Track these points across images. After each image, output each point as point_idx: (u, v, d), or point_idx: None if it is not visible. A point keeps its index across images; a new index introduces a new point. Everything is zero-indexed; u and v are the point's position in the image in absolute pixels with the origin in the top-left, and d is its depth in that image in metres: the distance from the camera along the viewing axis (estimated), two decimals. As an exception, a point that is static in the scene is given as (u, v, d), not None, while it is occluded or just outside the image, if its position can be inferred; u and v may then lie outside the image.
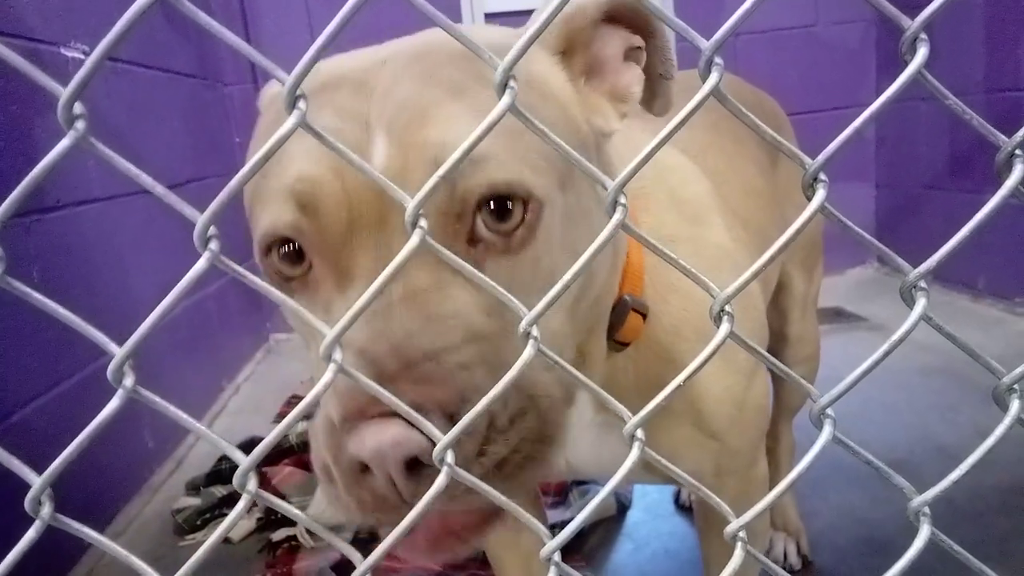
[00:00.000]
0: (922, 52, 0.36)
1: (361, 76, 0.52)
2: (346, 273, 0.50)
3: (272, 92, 0.65)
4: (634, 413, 0.41)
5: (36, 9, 1.65)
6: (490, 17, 2.97)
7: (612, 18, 0.59)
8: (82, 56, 1.79)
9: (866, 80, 3.17)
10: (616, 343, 0.70)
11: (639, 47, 0.61)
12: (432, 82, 0.50)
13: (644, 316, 0.70)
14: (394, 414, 0.40)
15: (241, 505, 0.38)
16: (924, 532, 0.42)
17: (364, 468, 0.44)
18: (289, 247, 0.51)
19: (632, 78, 0.61)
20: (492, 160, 0.48)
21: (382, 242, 0.48)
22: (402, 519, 0.43)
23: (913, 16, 0.37)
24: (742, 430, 0.79)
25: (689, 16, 2.95)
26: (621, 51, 0.60)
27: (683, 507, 1.60)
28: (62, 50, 1.73)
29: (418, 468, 0.43)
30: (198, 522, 1.67)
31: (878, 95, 0.37)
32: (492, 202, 0.49)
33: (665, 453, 0.76)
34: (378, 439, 0.42)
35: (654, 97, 0.63)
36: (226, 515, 1.61)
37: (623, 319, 0.68)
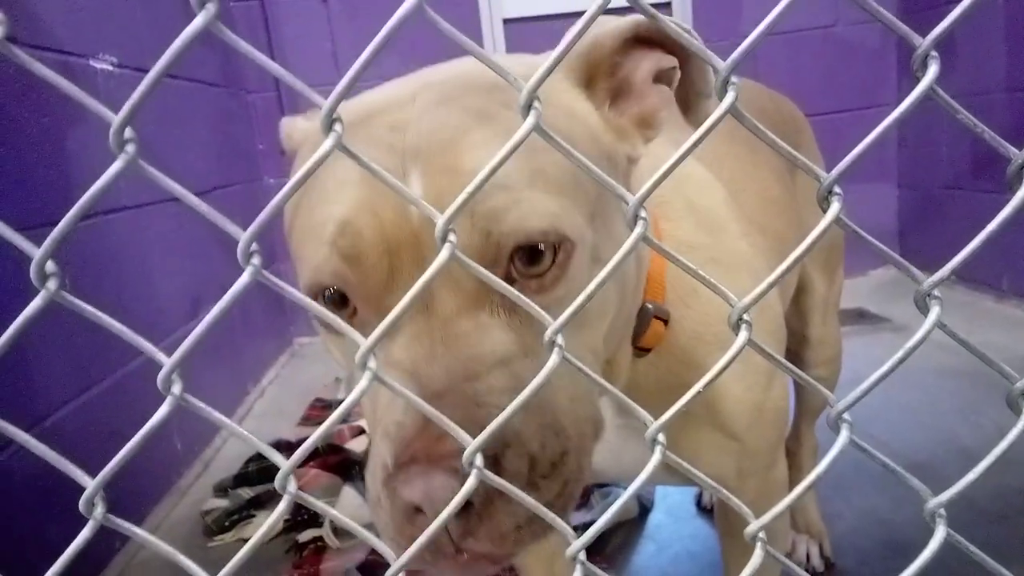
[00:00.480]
0: (932, 70, 0.38)
1: (393, 111, 0.54)
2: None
3: (303, 128, 0.67)
4: (656, 417, 0.42)
5: (65, 22, 1.70)
6: (509, 23, 2.99)
7: (643, 40, 0.59)
8: (110, 68, 1.83)
9: (887, 80, 3.16)
10: (638, 349, 0.71)
11: (672, 67, 0.60)
12: (462, 112, 0.52)
13: (666, 322, 0.71)
14: (442, 460, 0.43)
15: (283, 506, 0.40)
16: (939, 533, 0.43)
17: (416, 509, 0.46)
18: (333, 291, 0.53)
19: (659, 102, 0.60)
20: (524, 205, 0.49)
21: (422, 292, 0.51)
22: (452, 565, 0.46)
23: (931, 16, 0.38)
24: (762, 431, 0.80)
25: (707, 17, 2.95)
26: (651, 74, 0.60)
27: (705, 509, 1.61)
28: (91, 62, 1.77)
29: (468, 509, 0.45)
30: (226, 523, 1.70)
31: (900, 95, 0.39)
32: (525, 247, 0.51)
33: (686, 455, 0.77)
34: (428, 483, 0.44)
35: (693, 112, 0.62)
36: (254, 516, 1.64)
37: (645, 326, 0.69)
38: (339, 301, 0.54)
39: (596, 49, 0.59)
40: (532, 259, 0.51)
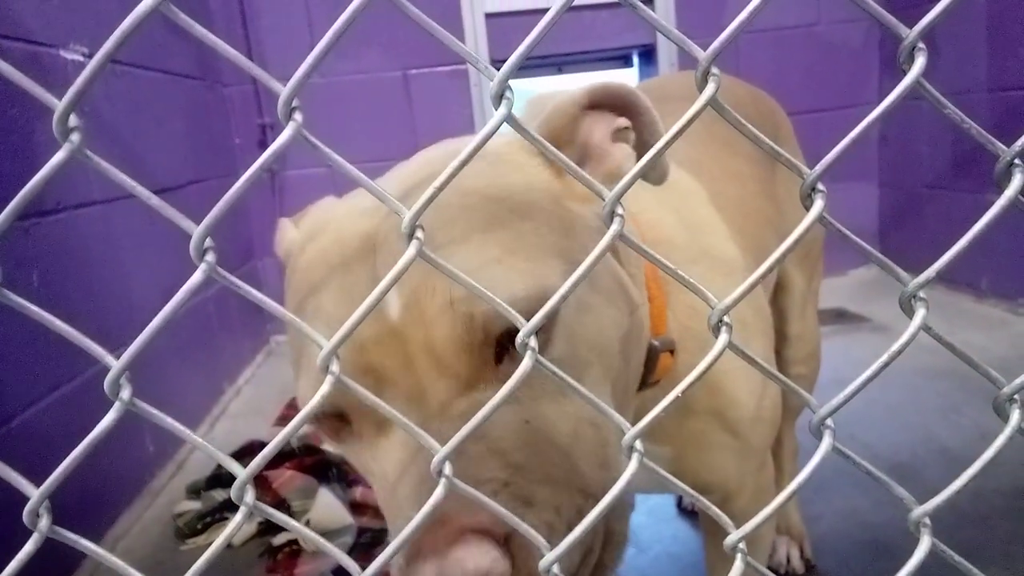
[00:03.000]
0: (919, 62, 0.36)
1: (365, 233, 0.54)
2: (383, 422, 0.53)
3: (291, 238, 0.66)
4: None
5: (35, 11, 1.65)
6: (490, 17, 2.97)
7: (595, 105, 0.61)
8: (81, 58, 1.79)
9: (869, 79, 3.17)
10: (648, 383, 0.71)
11: (626, 127, 0.62)
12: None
13: (672, 351, 0.71)
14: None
15: (239, 517, 0.38)
16: (925, 543, 0.42)
17: None
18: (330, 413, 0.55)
19: (621, 157, 0.62)
20: (501, 286, 0.49)
21: (412, 388, 0.51)
22: None
23: (914, 14, 0.36)
24: (762, 428, 0.81)
25: (689, 12, 2.95)
26: (608, 134, 0.62)
27: (686, 511, 1.60)
28: (61, 52, 1.73)
29: None
30: (199, 526, 1.67)
31: (881, 94, 0.37)
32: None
33: (695, 460, 0.76)
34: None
35: (650, 169, 0.63)
36: (227, 519, 1.62)
37: (654, 364, 0.69)
38: (337, 418, 0.55)
39: (556, 116, 0.60)
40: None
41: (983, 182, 2.65)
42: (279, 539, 1.57)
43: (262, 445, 1.93)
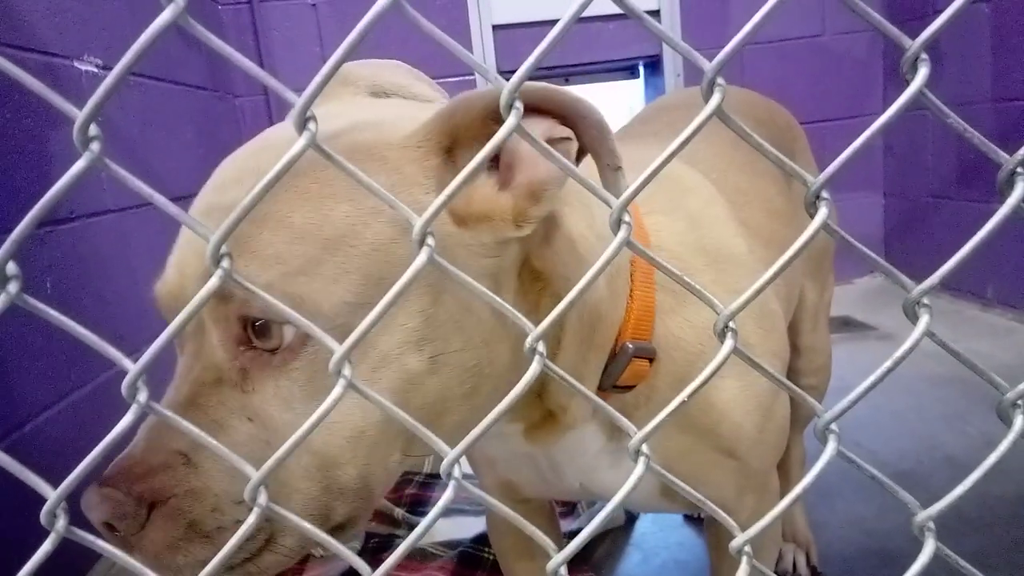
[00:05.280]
0: (922, 72, 0.37)
1: (249, 169, 0.62)
2: (180, 344, 0.57)
3: None
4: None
5: (50, 23, 1.67)
6: (498, 29, 2.99)
7: (535, 108, 0.49)
8: (95, 69, 1.81)
9: (874, 89, 3.17)
10: (618, 388, 0.69)
11: (566, 137, 0.51)
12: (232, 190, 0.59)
13: (651, 360, 0.69)
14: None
15: (252, 519, 0.38)
16: (929, 547, 0.43)
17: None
18: None
19: (549, 172, 0.52)
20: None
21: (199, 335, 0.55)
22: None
23: (917, 26, 0.37)
24: (763, 450, 0.79)
25: (695, 25, 2.96)
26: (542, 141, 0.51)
27: (691, 518, 1.60)
28: (75, 63, 1.75)
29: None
30: (207, 532, 1.67)
31: (886, 104, 0.38)
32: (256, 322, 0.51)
33: (687, 476, 0.76)
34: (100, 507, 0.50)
35: (611, 187, 0.51)
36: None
37: (623, 367, 0.66)
38: None
39: (460, 110, 0.52)
40: (263, 333, 0.51)
41: (988, 191, 2.64)
42: (286, 546, 1.58)
43: (270, 452, 1.93)
